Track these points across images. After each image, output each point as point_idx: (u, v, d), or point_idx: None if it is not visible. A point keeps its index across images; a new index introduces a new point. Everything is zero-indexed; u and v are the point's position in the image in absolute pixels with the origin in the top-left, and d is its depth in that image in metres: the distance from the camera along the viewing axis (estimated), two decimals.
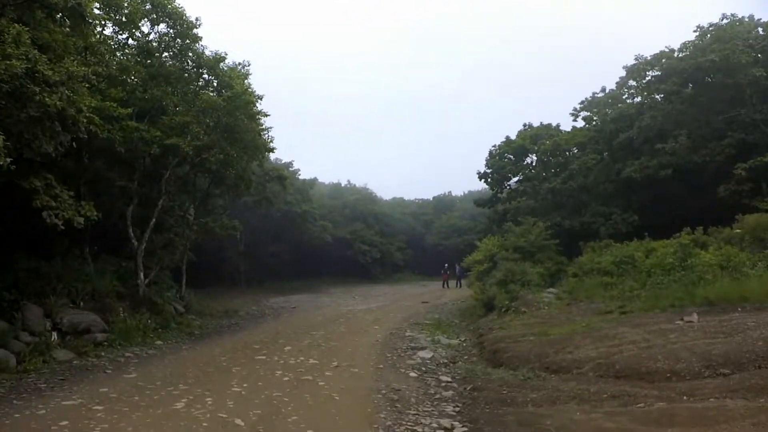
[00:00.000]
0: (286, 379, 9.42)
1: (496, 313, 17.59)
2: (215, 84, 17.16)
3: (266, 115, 17.72)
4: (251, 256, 35.82)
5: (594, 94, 32.40)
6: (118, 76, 15.14)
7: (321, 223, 40.20)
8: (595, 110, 31.64)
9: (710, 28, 20.83)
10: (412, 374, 10.07)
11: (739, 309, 11.13)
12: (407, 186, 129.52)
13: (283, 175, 21.71)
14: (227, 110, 15.68)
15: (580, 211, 25.08)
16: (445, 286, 38.27)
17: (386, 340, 14.40)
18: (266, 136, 18.51)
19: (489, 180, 29.62)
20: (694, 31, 21.23)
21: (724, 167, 20.76)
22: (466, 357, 12.86)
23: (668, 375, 8.26)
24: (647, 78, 25.75)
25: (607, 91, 31.67)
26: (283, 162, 23.52)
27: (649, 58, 24.23)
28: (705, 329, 9.98)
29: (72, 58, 10.85)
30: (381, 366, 10.60)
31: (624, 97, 29.90)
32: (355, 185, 53.42)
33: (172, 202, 19.16)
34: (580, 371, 9.41)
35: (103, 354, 11.63)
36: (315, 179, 45.13)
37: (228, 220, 20.05)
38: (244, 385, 8.87)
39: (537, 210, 26.01)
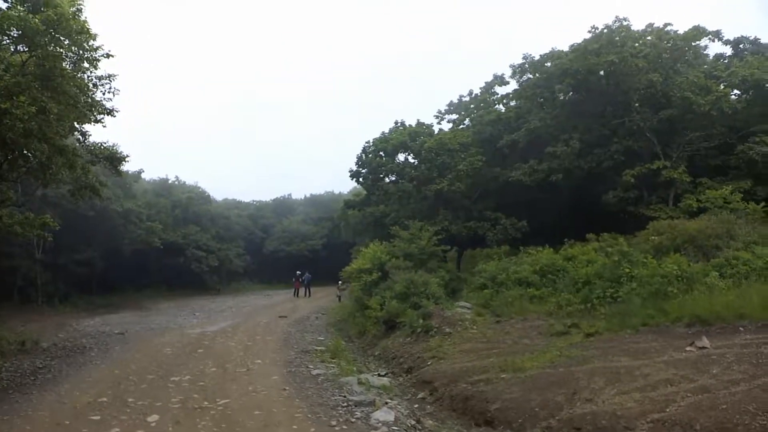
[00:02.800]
0: None
1: (408, 334, 14.49)
2: (23, 6, 10.93)
3: (108, 56, 11.84)
4: (52, 265, 27.47)
5: (461, 97, 31.63)
6: None
7: (147, 224, 32.91)
8: (463, 113, 30.72)
9: (604, 30, 20.56)
10: None
11: (741, 328, 9.54)
12: (240, 192, 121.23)
13: (117, 155, 15.54)
14: (45, 40, 9.82)
15: (463, 216, 23.31)
16: (297, 294, 34.80)
17: (296, 385, 10.26)
18: (107, 88, 12.57)
19: (361, 180, 26.45)
20: (589, 31, 20.80)
21: (610, 174, 20.56)
22: (417, 406, 9.43)
23: None
24: (525, 80, 25.12)
25: (473, 95, 31.06)
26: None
27: (538, 58, 23.49)
28: (746, 360, 7.93)
29: None
30: None
31: (492, 99, 29.36)
32: (185, 182, 45.83)
33: None
34: None
35: None
36: (141, 172, 37.12)
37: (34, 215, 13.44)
38: None
39: (420, 213, 23.60)
